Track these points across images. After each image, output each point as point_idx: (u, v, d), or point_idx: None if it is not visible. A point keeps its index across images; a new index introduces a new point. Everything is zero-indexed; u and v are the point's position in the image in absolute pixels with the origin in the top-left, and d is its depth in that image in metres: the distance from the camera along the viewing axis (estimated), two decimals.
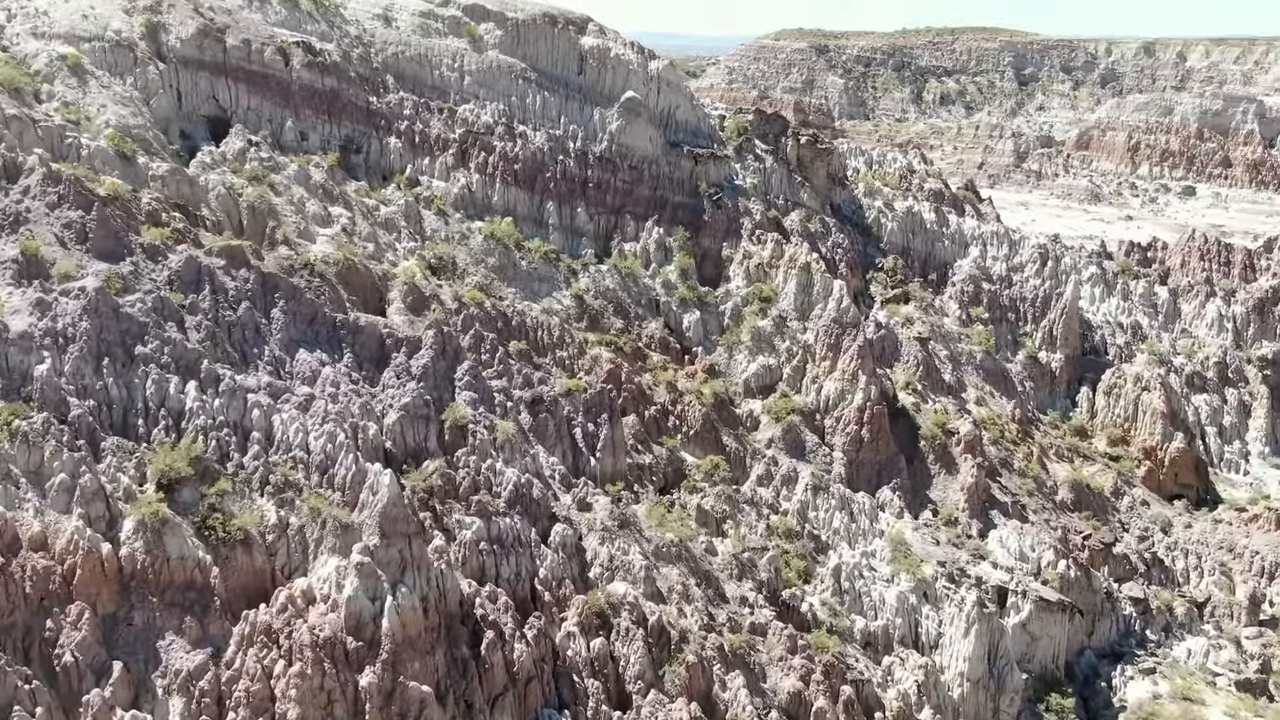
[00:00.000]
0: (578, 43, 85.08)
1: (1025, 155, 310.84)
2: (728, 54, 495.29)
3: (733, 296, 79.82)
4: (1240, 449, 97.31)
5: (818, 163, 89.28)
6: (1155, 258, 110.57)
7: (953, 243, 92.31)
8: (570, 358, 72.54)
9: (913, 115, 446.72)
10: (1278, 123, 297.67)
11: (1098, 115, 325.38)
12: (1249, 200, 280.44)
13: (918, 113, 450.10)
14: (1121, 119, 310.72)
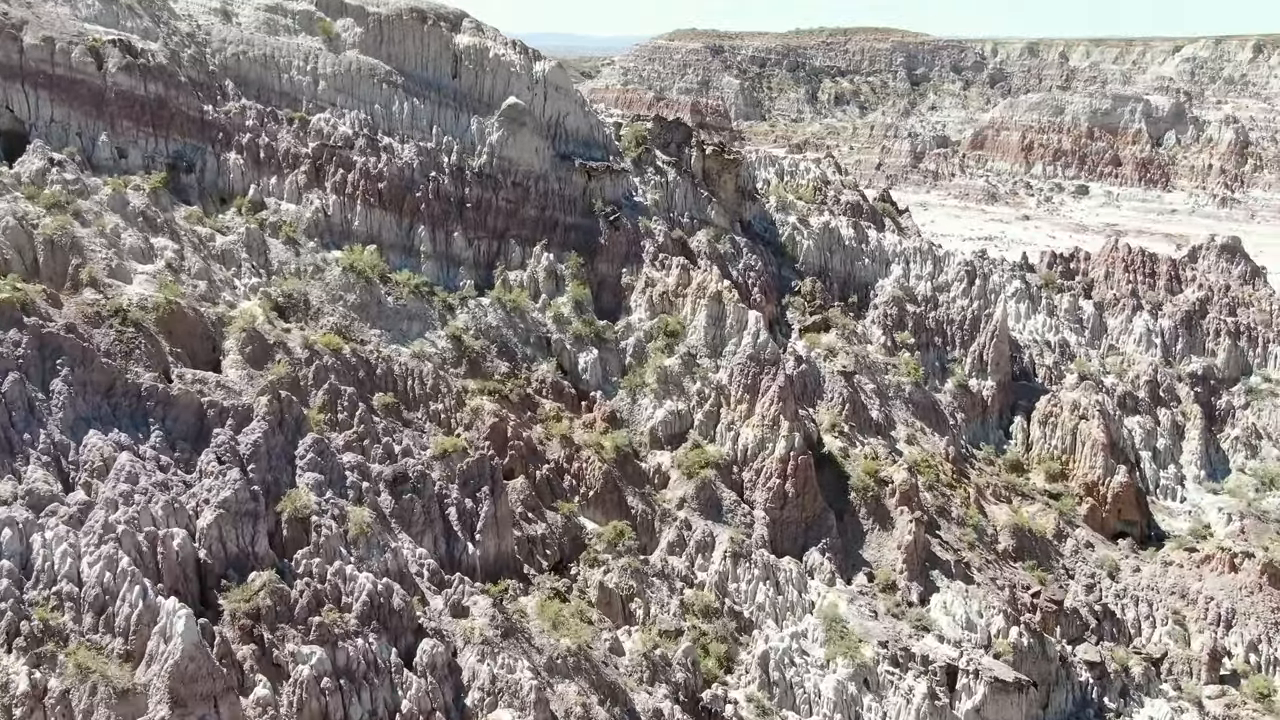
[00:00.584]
0: (451, 42, 73.66)
1: (922, 155, 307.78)
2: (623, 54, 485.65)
3: (635, 331, 69.42)
4: (1175, 474, 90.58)
5: (725, 175, 79.50)
6: (1078, 269, 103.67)
7: (873, 261, 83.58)
8: (447, 411, 61.30)
9: (808, 115, 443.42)
10: (1164, 121, 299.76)
11: (991, 115, 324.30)
12: (1139, 198, 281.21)
13: (813, 113, 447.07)
14: (1015, 119, 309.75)
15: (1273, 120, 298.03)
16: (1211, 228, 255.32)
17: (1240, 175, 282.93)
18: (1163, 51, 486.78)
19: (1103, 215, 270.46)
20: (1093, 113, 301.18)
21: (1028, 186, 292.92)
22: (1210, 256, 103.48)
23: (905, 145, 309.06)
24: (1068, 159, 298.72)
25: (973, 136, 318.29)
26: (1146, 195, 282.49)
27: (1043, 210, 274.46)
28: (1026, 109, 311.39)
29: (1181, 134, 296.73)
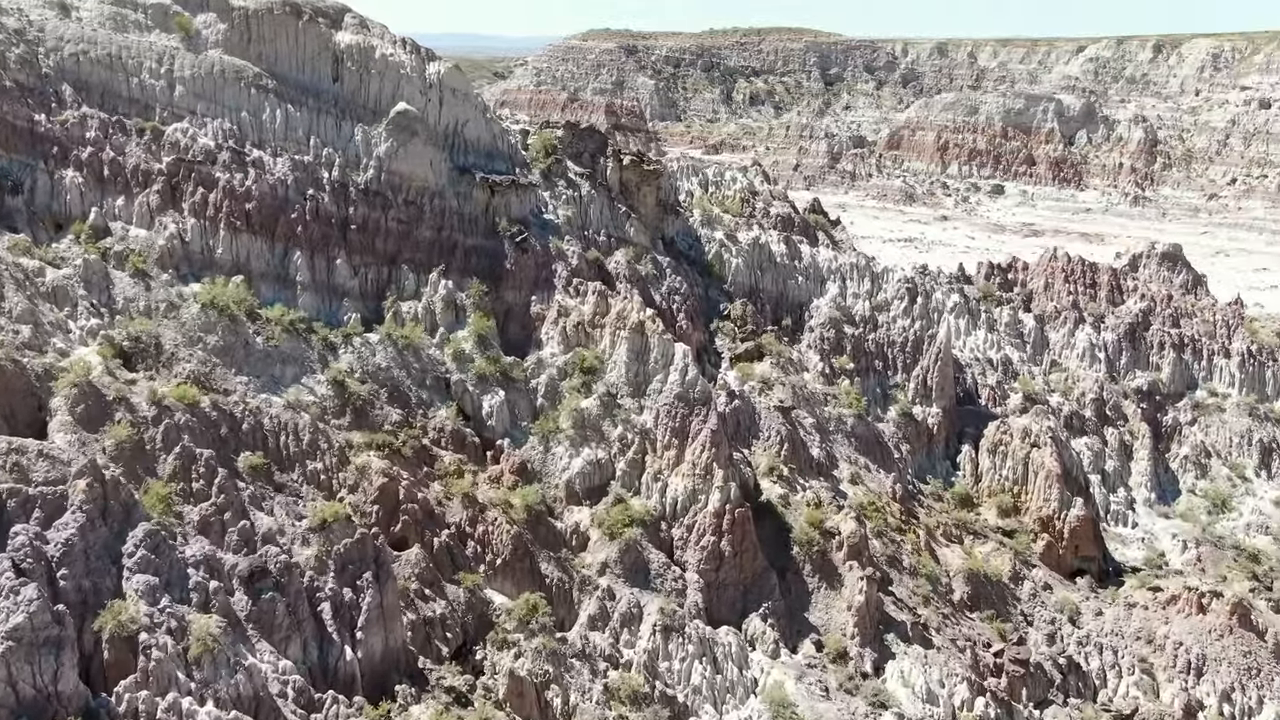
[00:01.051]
0: (331, 40, 64.23)
1: (839, 156, 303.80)
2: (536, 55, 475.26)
3: (547, 368, 60.82)
4: (1126, 498, 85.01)
5: (645, 187, 71.35)
6: (1016, 279, 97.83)
7: (807, 279, 76.28)
8: (328, 471, 52.10)
9: (724, 116, 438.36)
10: (1075, 121, 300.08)
11: (907, 115, 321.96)
12: (1054, 198, 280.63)
13: (729, 113, 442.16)
14: (930, 119, 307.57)
15: (1179, 119, 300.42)
16: (1126, 226, 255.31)
17: (1150, 174, 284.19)
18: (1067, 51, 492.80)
19: (1019, 215, 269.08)
20: (1006, 112, 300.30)
21: (944, 187, 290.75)
22: (1151, 265, 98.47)
23: (822, 146, 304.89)
24: (983, 159, 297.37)
25: (889, 137, 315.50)
26: (1061, 194, 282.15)
27: (960, 210, 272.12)
28: (941, 109, 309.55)
29: (1093, 133, 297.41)
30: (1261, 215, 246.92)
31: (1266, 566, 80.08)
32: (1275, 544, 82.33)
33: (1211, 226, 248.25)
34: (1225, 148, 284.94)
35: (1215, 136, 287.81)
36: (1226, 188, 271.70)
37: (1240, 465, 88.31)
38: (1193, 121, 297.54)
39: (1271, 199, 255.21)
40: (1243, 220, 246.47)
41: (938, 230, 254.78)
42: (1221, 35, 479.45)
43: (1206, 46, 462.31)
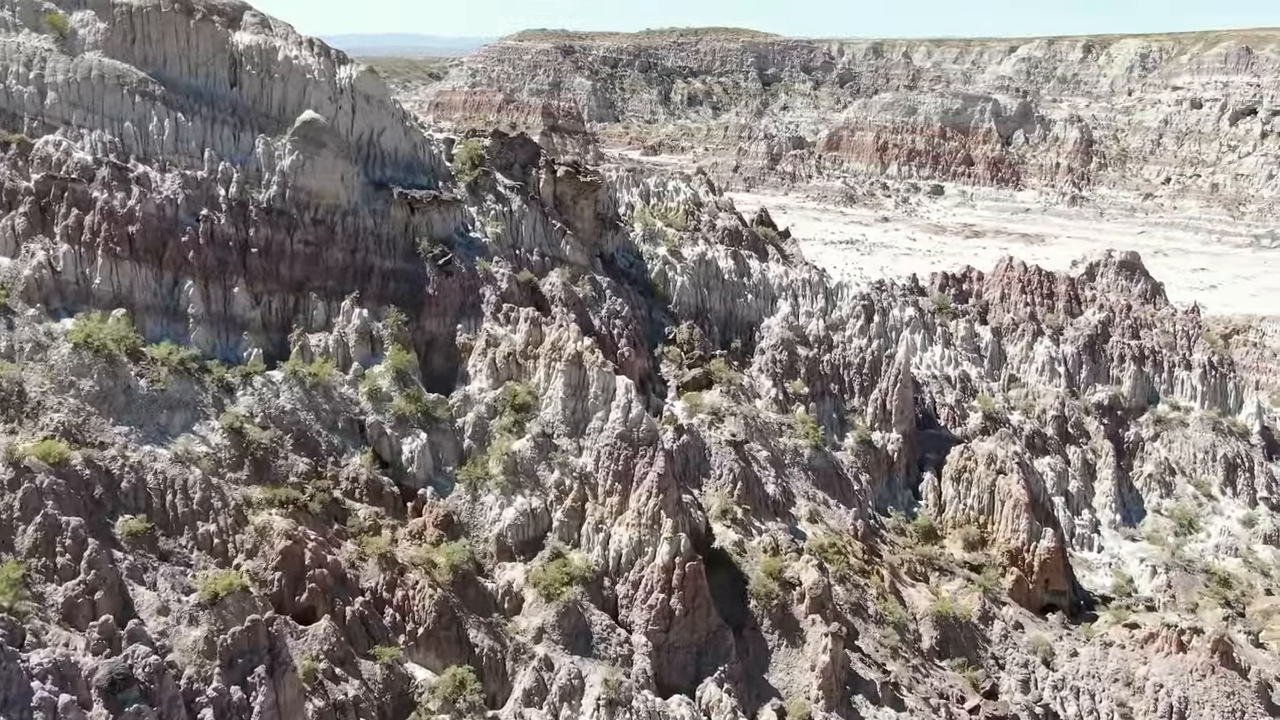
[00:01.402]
0: (229, 41, 57.20)
1: (779, 157, 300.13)
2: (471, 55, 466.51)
3: (474, 405, 54.46)
4: (1090, 520, 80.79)
5: (582, 201, 65.22)
6: (971, 290, 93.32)
7: (757, 297, 70.75)
8: (222, 533, 45.33)
9: (662, 116, 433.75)
10: (1012, 121, 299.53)
11: (846, 115, 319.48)
12: (993, 198, 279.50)
13: (667, 114, 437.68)
14: (869, 119, 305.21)
15: (1114, 119, 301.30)
16: (1065, 227, 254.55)
17: (1087, 173, 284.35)
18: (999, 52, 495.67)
19: (959, 215, 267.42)
20: (944, 112, 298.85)
21: (884, 187, 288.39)
22: (1109, 274, 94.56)
23: (762, 147, 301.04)
24: (922, 159, 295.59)
25: (828, 137, 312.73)
26: (999, 194, 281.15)
27: (901, 212, 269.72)
28: (880, 109, 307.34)
29: (1029, 133, 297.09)
30: (1196, 215, 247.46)
31: (1238, 591, 76.33)
32: (1245, 566, 78.64)
33: (1148, 226, 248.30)
34: (1159, 147, 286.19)
35: (1149, 136, 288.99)
36: (1161, 187, 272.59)
37: (1205, 483, 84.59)
38: (1126, 121, 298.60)
39: (1205, 198, 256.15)
40: (1178, 220, 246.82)
41: (879, 232, 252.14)
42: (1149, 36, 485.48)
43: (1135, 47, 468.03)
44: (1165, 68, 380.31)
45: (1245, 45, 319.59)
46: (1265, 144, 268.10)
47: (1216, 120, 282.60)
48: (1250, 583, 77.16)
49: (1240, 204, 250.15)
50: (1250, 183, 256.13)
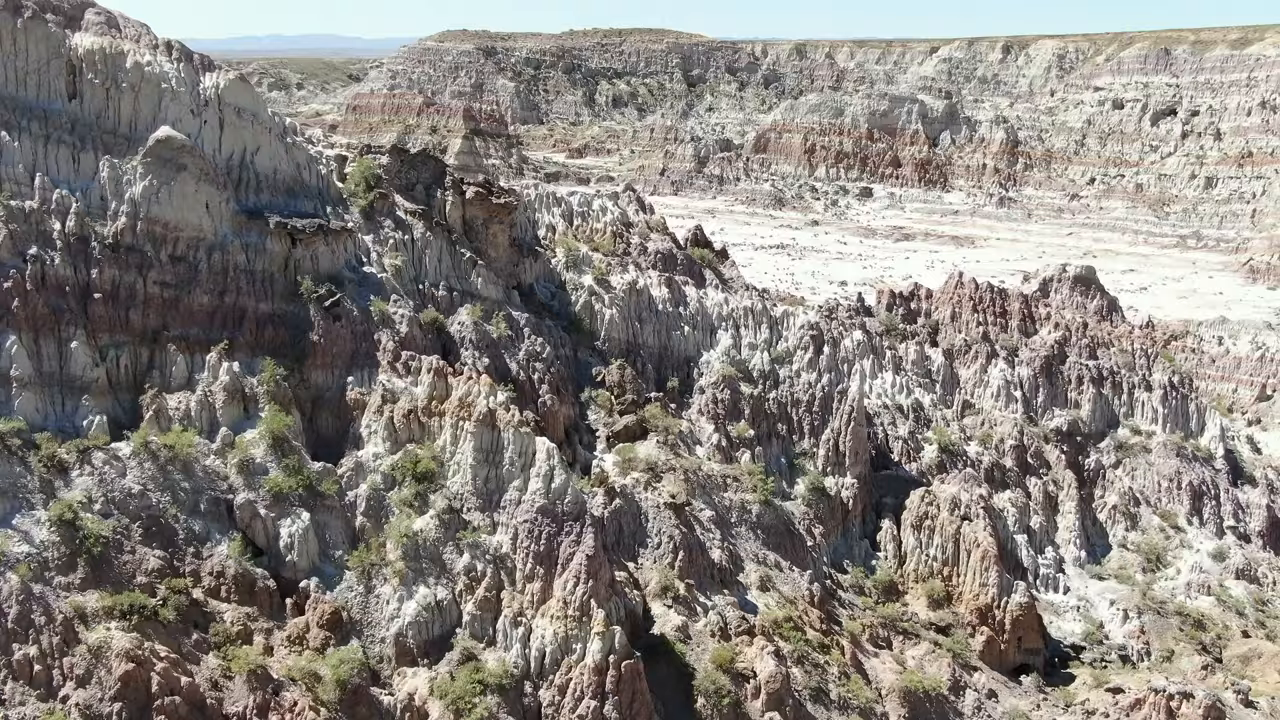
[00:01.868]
0: (65, 45, 47.79)
1: (706, 160, 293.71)
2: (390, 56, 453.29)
3: (368, 474, 45.81)
4: (1054, 558, 74.55)
5: (495, 225, 56.79)
6: (919, 309, 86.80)
7: (695, 329, 63.01)
8: (46, 657, 36.22)
9: (587, 118, 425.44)
10: (939, 122, 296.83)
11: (773, 117, 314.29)
12: (921, 200, 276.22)
13: (592, 115, 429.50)
14: (796, 120, 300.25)
15: (1038, 120, 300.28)
16: (994, 228, 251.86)
17: (1013, 174, 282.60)
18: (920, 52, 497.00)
19: (889, 218, 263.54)
20: (871, 114, 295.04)
21: (813, 190, 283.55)
22: (1063, 290, 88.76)
23: (689, 149, 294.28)
24: (850, 161, 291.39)
25: (755, 139, 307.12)
26: (928, 196, 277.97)
27: (830, 215, 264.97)
28: (807, 111, 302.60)
29: (956, 134, 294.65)
30: (1123, 215, 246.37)
31: (1213, 634, 70.60)
32: (1218, 605, 73.03)
33: (1076, 227, 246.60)
34: (1083, 148, 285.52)
35: (1073, 137, 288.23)
36: (1086, 187, 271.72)
37: (1172, 513, 78.98)
38: (1050, 122, 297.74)
39: (1130, 198, 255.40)
40: (1105, 221, 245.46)
41: (809, 235, 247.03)
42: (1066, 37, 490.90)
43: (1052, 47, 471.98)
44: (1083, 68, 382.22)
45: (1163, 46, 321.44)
46: (1186, 144, 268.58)
47: (1138, 120, 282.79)
48: (1225, 624, 71.51)
49: (1164, 204, 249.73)
50: (1173, 183, 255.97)
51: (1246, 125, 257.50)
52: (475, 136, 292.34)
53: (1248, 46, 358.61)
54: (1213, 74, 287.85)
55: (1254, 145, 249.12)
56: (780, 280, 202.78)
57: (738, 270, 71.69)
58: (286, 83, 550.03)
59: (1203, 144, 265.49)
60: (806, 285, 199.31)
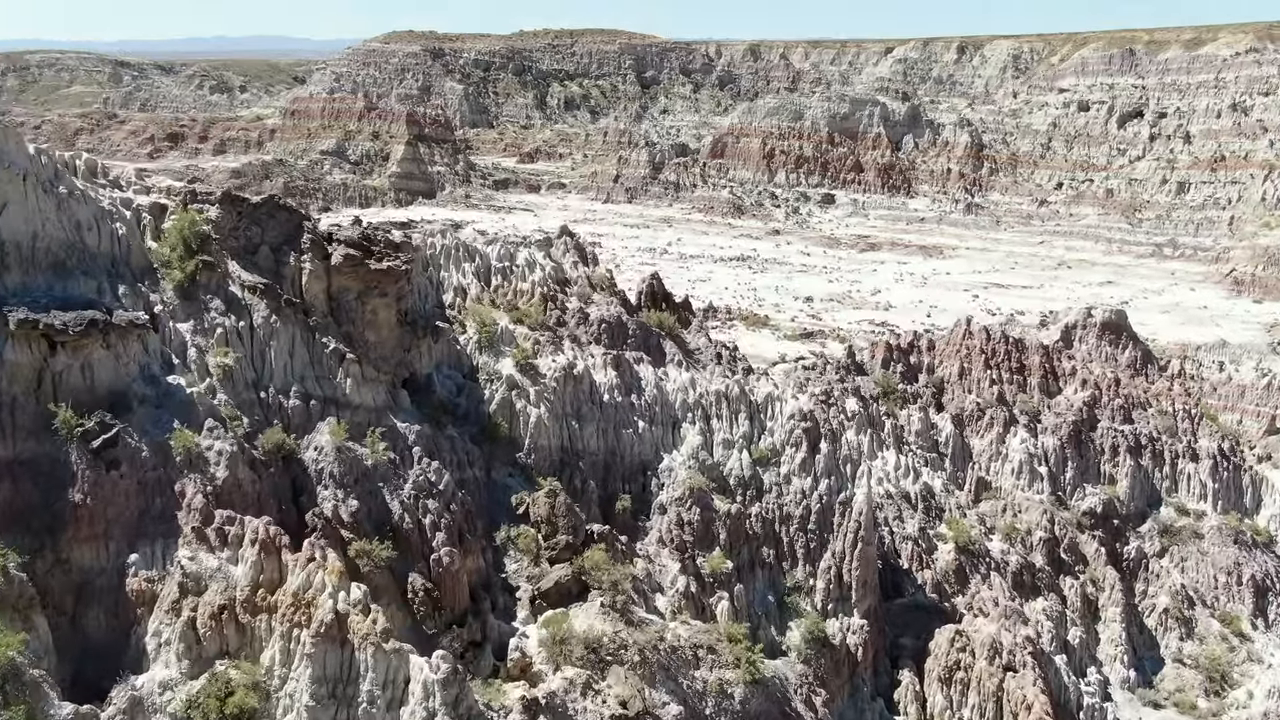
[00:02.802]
0: None
1: (661, 166, 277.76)
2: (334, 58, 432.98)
3: (151, 717, 29.16)
4: (1099, 681, 59.32)
5: (375, 299, 40.34)
6: (920, 364, 71.34)
7: (652, 424, 46.77)
8: None
9: (538, 122, 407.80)
10: (901, 125, 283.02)
11: (730, 121, 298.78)
12: (885, 206, 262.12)
13: (543, 118, 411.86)
14: (754, 124, 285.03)
15: (1002, 122, 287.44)
16: (963, 236, 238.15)
17: (978, 179, 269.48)
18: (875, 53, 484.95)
19: (852, 226, 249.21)
20: (831, 117, 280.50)
21: (773, 196, 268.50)
22: (1089, 338, 73.65)
23: (644, 155, 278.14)
24: (810, 166, 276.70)
25: (712, 144, 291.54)
26: (892, 202, 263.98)
27: (792, 223, 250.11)
28: (765, 114, 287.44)
29: (918, 138, 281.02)
30: (1095, 222, 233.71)
31: None
32: None
33: (1047, 235, 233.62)
34: (1049, 151, 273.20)
35: (1038, 140, 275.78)
36: (1054, 192, 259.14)
37: (1233, 616, 64.14)
38: (1015, 124, 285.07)
39: (1101, 204, 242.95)
40: (1077, 228, 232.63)
41: (770, 246, 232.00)
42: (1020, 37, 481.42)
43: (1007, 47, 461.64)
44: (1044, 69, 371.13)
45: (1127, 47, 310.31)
46: (1155, 147, 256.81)
47: (1104, 123, 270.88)
48: None
49: (1136, 209, 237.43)
50: (1144, 188, 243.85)
51: (1217, 128, 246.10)
52: (419, 142, 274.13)
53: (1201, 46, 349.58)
54: (1179, 75, 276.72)
55: (1226, 149, 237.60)
56: (742, 296, 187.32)
57: (707, 335, 55.46)
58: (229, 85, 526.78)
59: (1172, 147, 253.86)
60: (770, 302, 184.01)
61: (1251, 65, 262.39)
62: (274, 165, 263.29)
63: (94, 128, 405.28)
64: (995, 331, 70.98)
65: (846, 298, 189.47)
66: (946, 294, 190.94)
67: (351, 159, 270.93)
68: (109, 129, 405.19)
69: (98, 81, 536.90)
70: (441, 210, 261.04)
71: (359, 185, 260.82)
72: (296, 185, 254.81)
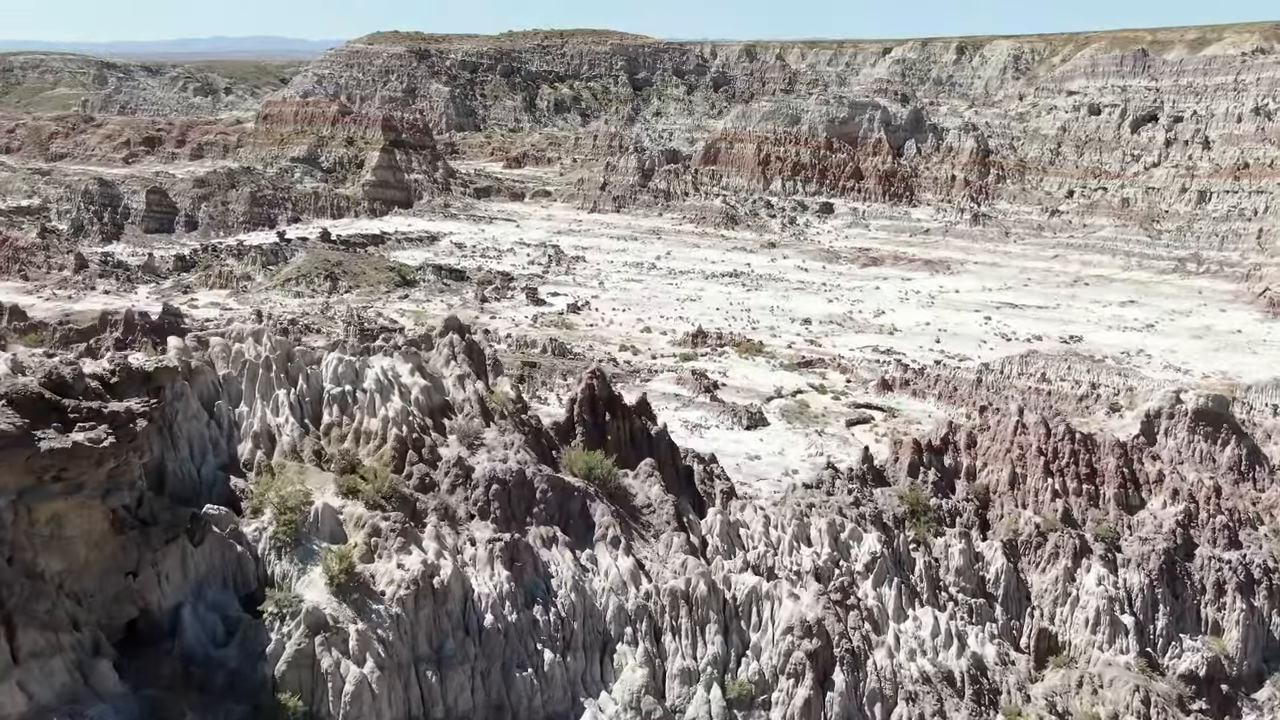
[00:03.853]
0: None
1: (651, 173, 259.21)
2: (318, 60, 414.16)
3: None
4: None
5: (54, 503, 22.25)
6: (958, 466, 53.18)
7: (567, 653, 28.28)
8: None
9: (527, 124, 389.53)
10: (904, 130, 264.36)
11: (724, 125, 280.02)
12: (887, 216, 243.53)
13: (532, 121, 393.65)
14: (749, 129, 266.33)
15: (1008, 127, 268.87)
16: (970, 250, 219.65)
17: (984, 186, 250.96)
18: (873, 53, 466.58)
19: (853, 238, 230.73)
20: (830, 121, 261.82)
21: (768, 206, 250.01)
22: (1179, 431, 55.39)
23: (632, 161, 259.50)
24: (808, 173, 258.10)
25: (705, 150, 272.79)
26: (894, 212, 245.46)
27: (789, 235, 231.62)
28: (761, 118, 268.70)
29: (921, 143, 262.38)
30: (1111, 234, 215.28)
31: None
32: None
33: (1060, 248, 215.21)
34: (1059, 157, 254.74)
35: (1047, 145, 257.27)
36: (1065, 201, 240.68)
37: None
38: (1022, 129, 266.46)
39: (1117, 214, 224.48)
40: (1093, 241, 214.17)
41: (765, 260, 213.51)
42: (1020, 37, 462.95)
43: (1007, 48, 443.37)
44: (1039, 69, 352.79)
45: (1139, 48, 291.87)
46: (1171, 153, 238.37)
47: (1117, 127, 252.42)
48: None
49: (1154, 220, 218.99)
50: (1162, 197, 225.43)
51: (1239, 133, 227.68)
52: (396, 149, 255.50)
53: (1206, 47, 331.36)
54: (1195, 76, 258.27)
55: (1250, 155, 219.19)
56: (735, 318, 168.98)
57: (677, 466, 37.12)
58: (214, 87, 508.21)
59: (1191, 153, 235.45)
60: (765, 324, 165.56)
61: (1273, 67, 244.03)
62: (240, 174, 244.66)
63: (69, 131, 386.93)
64: (1055, 426, 52.48)
65: (848, 319, 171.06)
66: (956, 315, 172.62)
67: (324, 166, 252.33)
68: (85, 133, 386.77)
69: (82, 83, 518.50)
70: (418, 220, 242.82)
71: (331, 194, 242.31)
72: (264, 195, 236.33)
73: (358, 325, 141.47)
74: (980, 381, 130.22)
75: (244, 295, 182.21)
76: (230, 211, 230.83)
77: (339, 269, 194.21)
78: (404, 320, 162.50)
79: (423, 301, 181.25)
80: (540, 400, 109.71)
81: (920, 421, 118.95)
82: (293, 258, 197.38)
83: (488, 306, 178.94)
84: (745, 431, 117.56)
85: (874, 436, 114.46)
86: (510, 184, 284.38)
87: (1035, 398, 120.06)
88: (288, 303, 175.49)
